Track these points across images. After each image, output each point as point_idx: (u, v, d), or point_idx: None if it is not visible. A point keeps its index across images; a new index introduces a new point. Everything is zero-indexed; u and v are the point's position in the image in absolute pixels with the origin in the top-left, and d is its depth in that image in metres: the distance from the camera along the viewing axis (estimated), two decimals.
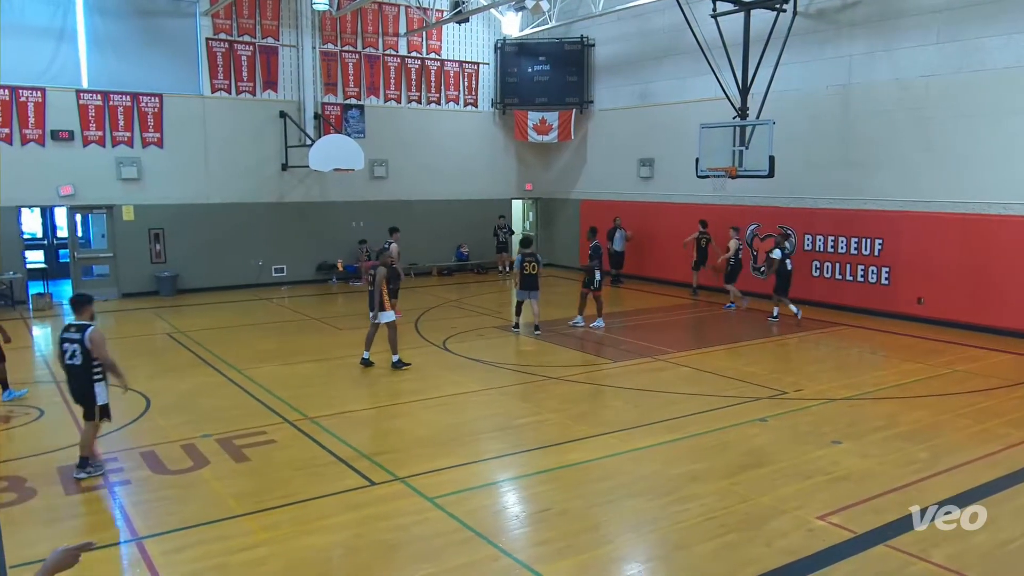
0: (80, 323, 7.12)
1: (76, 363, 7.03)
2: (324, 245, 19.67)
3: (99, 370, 7.08)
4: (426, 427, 8.52)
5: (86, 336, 6.98)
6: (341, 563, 5.54)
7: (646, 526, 6.09)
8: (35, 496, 6.53)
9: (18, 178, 15.79)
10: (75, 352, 7.01)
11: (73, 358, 7.03)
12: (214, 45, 17.79)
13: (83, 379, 7.05)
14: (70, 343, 7.04)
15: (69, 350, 7.05)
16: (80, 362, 7.01)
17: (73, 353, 7.02)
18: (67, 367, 7.13)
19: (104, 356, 7.05)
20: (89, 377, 7.04)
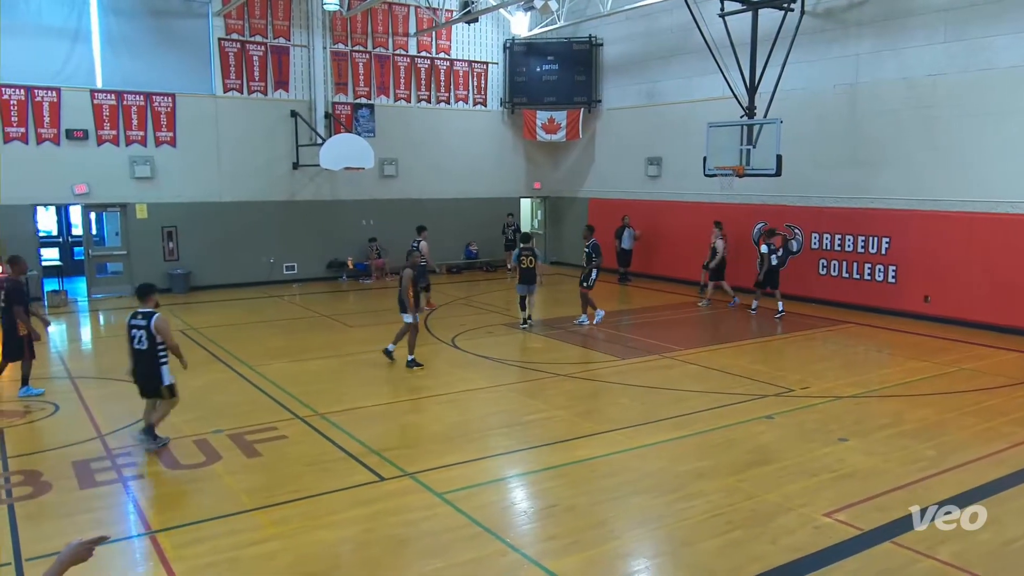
0: (146, 311, 7.57)
1: (143, 348, 7.52)
2: (334, 243, 19.79)
3: (164, 353, 7.58)
4: (435, 423, 8.59)
5: (152, 322, 7.46)
6: (351, 558, 5.59)
7: (652, 522, 6.11)
8: (50, 490, 6.61)
9: (34, 177, 16.00)
10: (141, 338, 7.50)
11: (140, 343, 7.52)
12: (226, 45, 17.94)
13: (150, 362, 7.54)
14: (137, 329, 7.53)
15: (136, 336, 7.53)
16: (146, 347, 7.50)
17: (140, 339, 7.51)
18: (134, 352, 7.59)
19: (169, 340, 7.58)
20: (155, 360, 7.54)
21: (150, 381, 7.63)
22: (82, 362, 11.94)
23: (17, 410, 8.96)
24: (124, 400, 9.37)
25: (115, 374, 10.62)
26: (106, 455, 7.48)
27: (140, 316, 7.54)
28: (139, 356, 7.58)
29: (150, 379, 7.62)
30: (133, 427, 8.29)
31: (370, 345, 12.28)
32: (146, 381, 7.66)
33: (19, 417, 8.69)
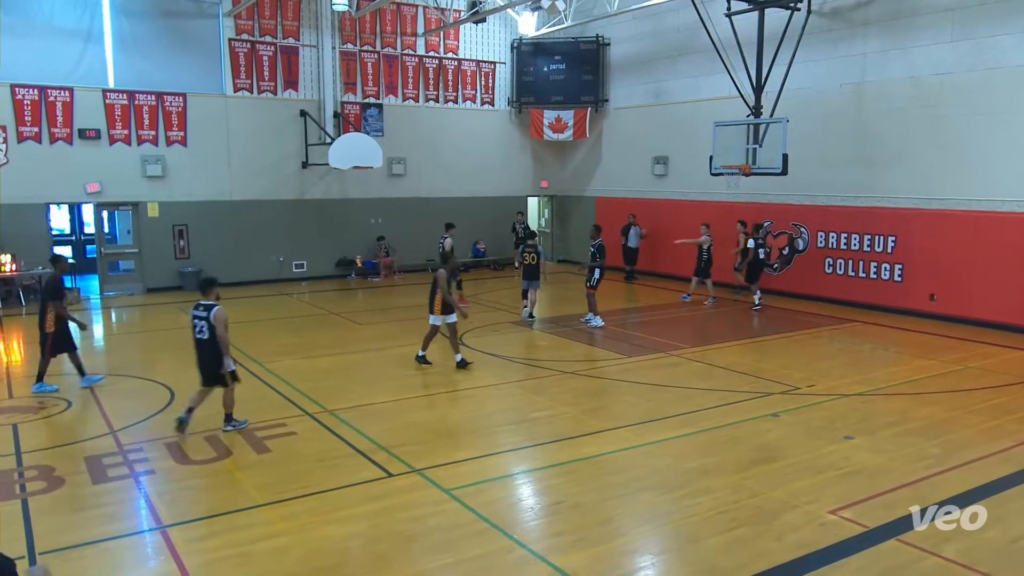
0: (207, 303, 7.98)
1: (204, 337, 7.94)
2: (343, 241, 19.90)
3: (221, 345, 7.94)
4: (443, 420, 8.65)
5: (211, 314, 7.86)
6: (359, 553, 5.62)
7: (659, 519, 6.13)
8: (63, 485, 6.68)
9: (47, 176, 16.18)
10: (203, 328, 7.92)
11: (201, 333, 7.94)
12: (236, 45, 18.06)
13: (211, 351, 7.93)
14: (199, 320, 7.95)
15: (198, 326, 7.96)
16: (207, 336, 7.91)
17: (201, 329, 7.93)
18: (196, 341, 8.02)
19: (222, 334, 7.90)
20: (216, 348, 7.92)
21: (211, 369, 8.00)
22: (94, 359, 12.01)
23: (31, 406, 9.06)
24: (135, 397, 9.52)
25: (127, 371, 10.77)
26: (118, 451, 7.55)
27: (202, 308, 7.96)
28: (200, 345, 7.99)
29: (211, 367, 7.99)
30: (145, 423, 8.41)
31: (379, 342, 12.36)
32: (208, 369, 8.03)
33: (33, 413, 8.79)
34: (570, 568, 5.25)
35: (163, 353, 11.87)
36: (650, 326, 13.84)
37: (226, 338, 7.95)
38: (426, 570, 5.31)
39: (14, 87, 15.81)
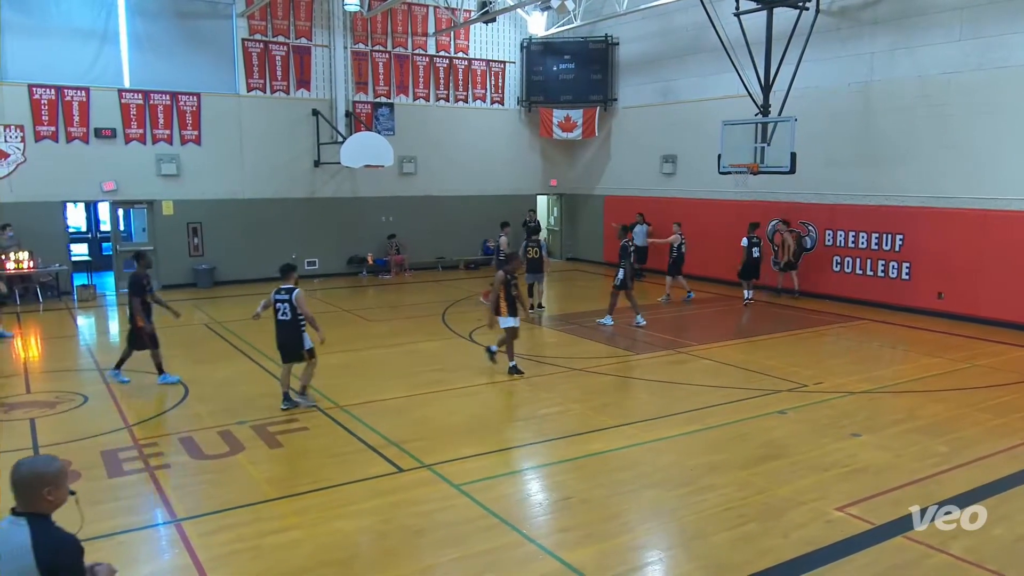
0: (288, 287, 8.68)
1: (286, 318, 8.64)
2: (355, 239, 20.02)
3: (303, 323, 8.66)
4: (453, 416, 8.69)
5: (294, 296, 8.57)
6: (369, 547, 5.67)
7: (666, 515, 6.16)
8: (79, 479, 6.72)
9: (63, 174, 16.39)
10: (285, 309, 8.61)
11: (284, 314, 8.63)
12: (249, 45, 18.21)
13: (292, 330, 8.66)
14: (281, 302, 8.63)
15: (280, 308, 8.64)
16: (289, 317, 8.62)
17: (284, 310, 8.62)
18: (278, 322, 8.69)
19: (307, 312, 8.63)
20: (297, 328, 8.66)
21: (291, 347, 8.72)
22: (110, 355, 12.13)
23: (49, 401, 9.20)
24: (150, 393, 9.65)
25: (142, 367, 10.89)
26: (133, 445, 7.64)
27: (284, 291, 8.65)
28: (282, 326, 8.67)
29: (292, 345, 8.71)
30: (159, 418, 8.53)
31: (389, 339, 12.44)
32: (288, 347, 8.74)
33: (50, 408, 8.91)
34: (578, 563, 5.28)
35: (177, 349, 11.96)
36: (658, 323, 13.85)
37: (310, 313, 8.68)
38: (435, 564, 5.35)
39: (31, 87, 16.02)
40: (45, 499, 2.96)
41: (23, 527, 2.91)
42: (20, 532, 2.90)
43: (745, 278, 15.31)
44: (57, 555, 2.89)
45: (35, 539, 2.88)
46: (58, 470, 3.04)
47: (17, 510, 2.96)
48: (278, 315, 8.70)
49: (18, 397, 9.40)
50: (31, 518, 2.93)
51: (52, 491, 2.98)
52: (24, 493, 2.96)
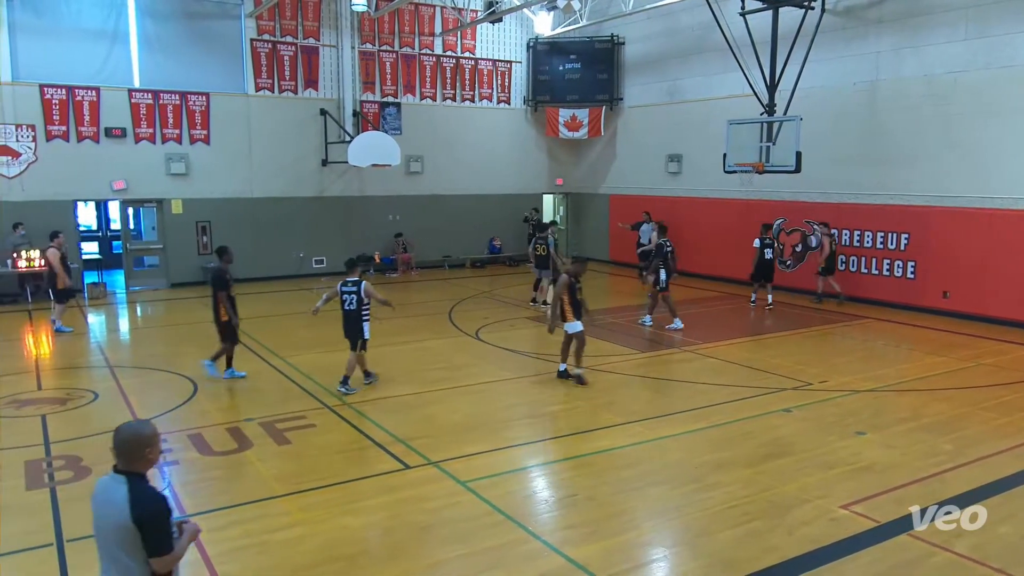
0: (354, 279, 9.29)
1: (352, 308, 9.27)
2: (362, 238, 20.09)
3: (367, 314, 9.27)
4: (459, 414, 8.74)
5: (361, 288, 9.20)
6: (376, 543, 5.72)
7: (671, 513, 6.19)
8: (90, 474, 6.80)
9: (74, 173, 16.53)
10: (352, 300, 9.24)
11: (350, 305, 9.25)
12: (258, 45, 18.31)
13: (356, 320, 9.24)
14: (348, 293, 9.25)
15: (347, 299, 9.26)
16: (354, 307, 9.23)
17: (351, 301, 9.24)
18: (344, 312, 9.29)
19: (377, 298, 9.32)
20: (360, 318, 9.24)
21: (352, 335, 9.31)
22: (120, 352, 12.30)
23: (59, 397, 9.30)
24: (160, 389, 9.74)
25: (152, 364, 11.00)
26: None
27: (351, 283, 9.28)
28: (348, 315, 9.28)
29: (353, 333, 9.30)
30: (169, 415, 8.61)
31: (396, 337, 12.49)
32: (351, 335, 9.33)
33: (61, 404, 9.00)
34: (583, 560, 5.31)
35: (187, 346, 12.07)
36: (664, 322, 13.87)
37: (382, 298, 9.40)
38: (442, 560, 5.39)
39: (43, 87, 16.15)
40: (146, 458, 3.34)
41: (122, 484, 3.27)
42: (119, 488, 3.26)
43: (757, 280, 15.08)
44: (148, 510, 3.24)
45: (131, 495, 3.24)
46: (153, 431, 3.42)
47: (118, 468, 3.31)
48: (344, 305, 9.27)
49: (30, 394, 9.50)
50: (130, 476, 3.29)
51: (151, 451, 3.36)
52: (127, 453, 3.31)
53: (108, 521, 3.27)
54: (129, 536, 3.22)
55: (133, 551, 3.24)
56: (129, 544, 3.23)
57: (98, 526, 3.34)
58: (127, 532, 3.21)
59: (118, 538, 3.25)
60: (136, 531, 3.21)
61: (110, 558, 3.30)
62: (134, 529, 3.21)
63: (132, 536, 3.22)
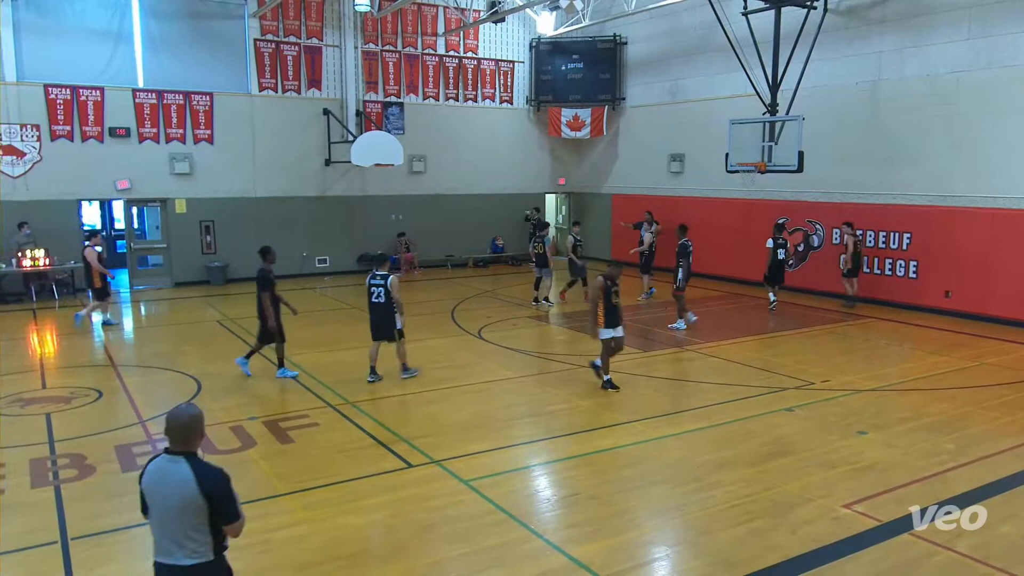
0: (382, 273, 9.55)
1: (380, 301, 9.54)
2: (365, 237, 20.13)
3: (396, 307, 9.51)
4: (462, 413, 8.76)
5: (389, 281, 9.44)
6: (378, 542, 5.74)
7: (673, 511, 6.20)
8: (94, 473, 6.88)
9: (78, 172, 16.60)
10: (380, 293, 9.51)
11: (378, 298, 9.53)
12: (261, 46, 18.36)
13: (386, 312, 9.56)
14: (376, 287, 9.52)
15: (375, 292, 9.53)
16: (383, 300, 9.50)
17: (379, 294, 9.52)
18: (372, 305, 9.60)
19: (398, 297, 9.48)
20: (390, 310, 9.54)
21: (385, 327, 9.62)
22: (124, 351, 12.34)
23: (64, 396, 9.33)
24: (164, 388, 9.79)
25: (155, 363, 11.04)
26: (147, 440, 7.75)
27: (379, 277, 9.52)
28: (376, 308, 9.57)
29: (385, 325, 9.61)
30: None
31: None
32: (381, 327, 9.64)
33: (65, 403, 9.03)
34: (585, 559, 5.33)
35: (190, 345, 12.13)
36: (665, 321, 13.88)
37: (400, 299, 9.53)
38: (444, 559, 5.40)
39: (47, 87, 16.22)
40: (199, 438, 3.58)
41: (182, 463, 3.49)
42: (181, 467, 3.48)
43: (771, 282, 14.66)
44: (216, 482, 3.50)
45: (195, 472, 3.47)
46: (201, 413, 3.67)
47: (172, 450, 3.53)
48: (372, 298, 9.54)
49: (34, 392, 9.55)
50: (187, 456, 3.51)
51: (202, 431, 3.63)
52: (183, 435, 3.53)
53: (172, 500, 3.45)
54: (198, 511, 3.44)
55: (201, 525, 3.46)
56: (197, 519, 3.45)
57: (159, 507, 3.51)
58: (196, 507, 3.43)
59: (186, 515, 3.44)
60: (205, 504, 3.43)
61: (174, 536, 3.48)
62: (203, 503, 3.43)
63: (201, 510, 3.44)
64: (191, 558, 3.49)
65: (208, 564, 3.52)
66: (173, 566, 3.51)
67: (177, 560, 3.50)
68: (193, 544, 3.48)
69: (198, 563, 3.50)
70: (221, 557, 3.61)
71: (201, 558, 3.50)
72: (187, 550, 3.48)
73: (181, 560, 3.49)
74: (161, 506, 3.50)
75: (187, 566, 3.49)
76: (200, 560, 3.50)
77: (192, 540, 3.47)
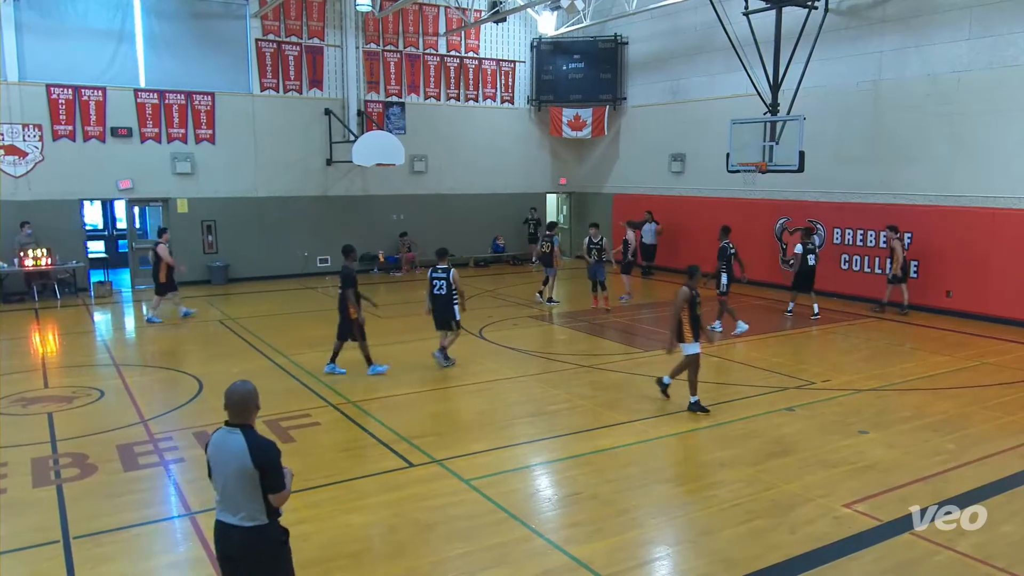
0: (443, 267, 10.38)
1: (442, 293, 10.36)
2: (366, 237, 20.11)
3: (456, 298, 10.33)
4: (463, 412, 8.80)
5: (451, 274, 10.30)
6: (380, 540, 5.75)
7: (674, 511, 6.21)
8: (96, 472, 6.88)
9: (80, 172, 16.63)
10: (442, 286, 10.34)
11: (440, 289, 10.35)
12: (263, 46, 18.37)
13: (447, 303, 10.34)
14: (438, 279, 10.36)
15: (437, 284, 10.37)
16: (445, 292, 10.31)
17: (440, 286, 10.34)
18: (434, 296, 10.40)
19: (460, 287, 10.36)
20: (451, 302, 10.35)
21: (445, 317, 10.40)
22: (126, 350, 12.35)
23: (66, 396, 9.34)
24: (165, 388, 9.79)
25: (157, 363, 11.05)
26: (149, 439, 7.77)
27: (441, 270, 10.35)
28: (437, 299, 10.35)
29: (445, 316, 10.40)
30: (175, 413, 8.65)
31: (400, 336, 12.54)
32: (442, 317, 10.42)
33: (67, 402, 9.04)
34: (586, 558, 5.33)
35: (192, 345, 12.15)
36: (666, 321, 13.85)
37: (463, 289, 10.42)
38: (445, 558, 5.41)
39: (49, 87, 16.25)
40: (254, 411, 3.96)
41: (238, 435, 3.85)
42: (237, 439, 3.84)
43: (800, 289, 13.90)
44: (266, 454, 3.84)
45: (249, 443, 3.83)
46: (255, 389, 4.01)
47: (230, 423, 3.89)
48: (434, 290, 10.31)
49: (36, 392, 9.56)
50: (244, 428, 3.87)
51: (257, 405, 3.98)
52: (240, 409, 3.91)
53: (231, 467, 3.83)
54: (251, 479, 3.79)
55: (253, 491, 3.82)
56: (250, 486, 3.81)
57: (219, 472, 3.89)
58: (249, 475, 3.79)
59: (241, 482, 3.81)
60: (255, 473, 3.79)
61: (234, 499, 3.86)
62: (254, 472, 3.78)
63: (253, 478, 3.80)
64: (248, 521, 3.85)
65: (263, 527, 3.88)
66: (232, 525, 3.88)
67: (235, 521, 3.87)
68: (249, 508, 3.84)
69: (254, 525, 3.86)
70: (275, 521, 3.94)
71: (256, 521, 3.86)
72: (244, 513, 3.85)
73: (239, 522, 3.86)
74: (221, 472, 3.88)
75: (244, 527, 3.86)
76: (256, 523, 3.86)
77: (248, 504, 3.83)
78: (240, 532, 3.87)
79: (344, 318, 10.11)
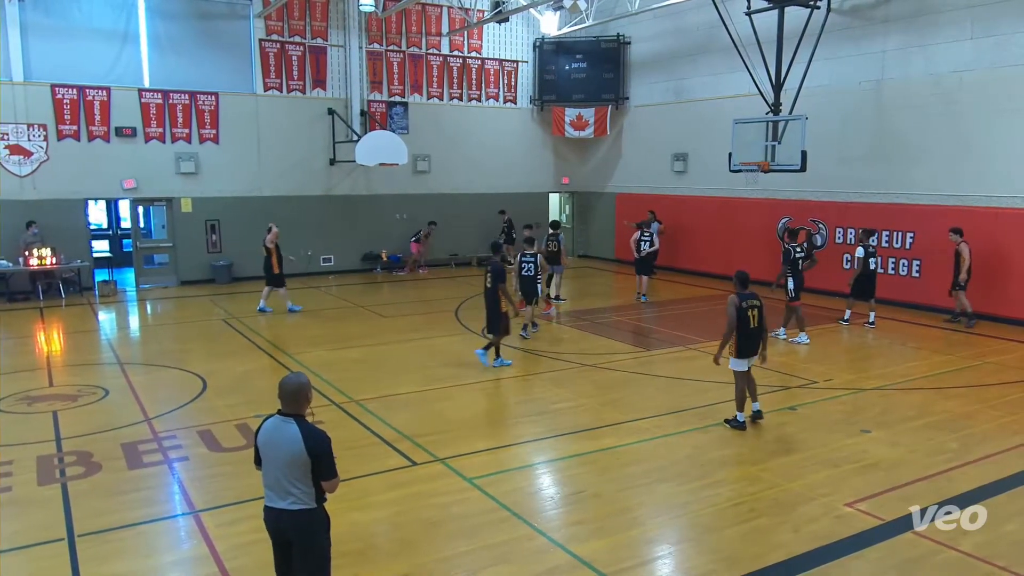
0: (532, 252, 11.92)
1: (530, 274, 11.90)
2: (369, 236, 20.18)
3: (539, 276, 12.06)
4: (466, 411, 8.79)
5: (538, 259, 11.94)
6: (384, 539, 5.76)
7: (677, 509, 6.20)
8: (101, 470, 6.90)
9: (85, 172, 16.67)
10: (530, 268, 11.89)
11: (528, 271, 11.88)
12: (266, 46, 18.41)
13: (532, 282, 11.95)
14: (527, 263, 11.90)
15: (526, 267, 11.88)
16: (532, 273, 11.89)
17: (528, 268, 11.88)
18: (522, 278, 11.91)
19: (547, 266, 12.08)
20: (535, 280, 11.96)
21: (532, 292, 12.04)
22: (130, 349, 12.38)
23: (71, 394, 9.37)
24: (169, 386, 9.81)
25: (161, 361, 11.08)
26: (153, 438, 7.78)
27: (529, 255, 11.97)
28: (526, 280, 11.94)
29: (532, 291, 12.04)
30: (179, 411, 8.68)
31: (404, 334, 12.56)
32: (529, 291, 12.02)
33: (72, 401, 9.07)
34: (589, 556, 5.34)
35: (196, 343, 12.17)
36: (668, 320, 13.90)
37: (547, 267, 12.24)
38: (448, 556, 5.42)
39: (54, 87, 16.29)
40: (306, 402, 4.14)
41: (292, 424, 4.05)
42: (291, 427, 4.04)
43: (860, 297, 12.90)
44: (319, 443, 4.03)
45: (303, 432, 4.02)
46: (308, 381, 4.23)
47: (284, 412, 4.09)
48: (522, 271, 11.84)
49: (41, 390, 9.59)
50: (296, 418, 4.07)
51: (309, 396, 4.17)
52: (293, 399, 4.10)
53: (282, 455, 4.02)
54: (303, 465, 3.99)
55: (304, 478, 4.02)
56: (302, 472, 4.01)
57: (270, 459, 4.08)
58: (301, 463, 3.98)
59: (292, 468, 4.00)
60: (308, 461, 3.98)
61: (282, 485, 4.05)
62: (307, 459, 3.98)
63: (305, 466, 3.99)
64: (296, 504, 4.06)
65: (310, 511, 4.10)
66: (281, 510, 4.08)
67: (285, 505, 4.07)
68: (297, 492, 4.04)
69: (301, 509, 4.07)
70: (321, 507, 4.16)
71: (304, 505, 4.07)
72: (293, 498, 4.05)
73: (288, 506, 4.06)
74: (272, 459, 4.06)
75: (293, 511, 4.06)
76: (303, 507, 4.07)
77: (297, 489, 4.03)
78: (290, 515, 4.07)
79: (495, 312, 10.43)
